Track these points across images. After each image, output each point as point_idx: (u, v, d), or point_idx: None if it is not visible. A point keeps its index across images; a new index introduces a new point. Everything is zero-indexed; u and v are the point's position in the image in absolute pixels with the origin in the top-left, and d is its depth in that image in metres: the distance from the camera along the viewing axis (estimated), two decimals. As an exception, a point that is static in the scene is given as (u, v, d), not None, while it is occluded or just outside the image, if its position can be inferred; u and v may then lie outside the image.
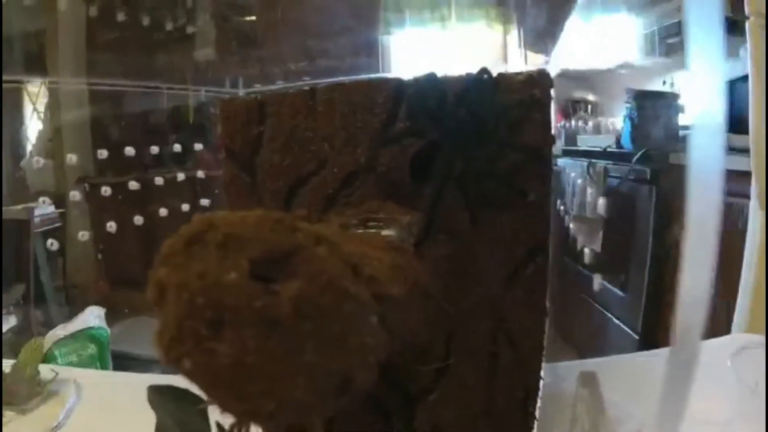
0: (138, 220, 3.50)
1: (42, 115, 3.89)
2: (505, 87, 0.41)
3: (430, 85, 0.41)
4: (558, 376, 0.78)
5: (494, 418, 0.45)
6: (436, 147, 0.41)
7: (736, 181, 1.72)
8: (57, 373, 0.98)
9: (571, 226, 2.67)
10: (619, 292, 2.45)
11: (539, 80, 0.41)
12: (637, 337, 2.30)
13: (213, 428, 0.34)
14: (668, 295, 2.30)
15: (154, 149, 3.33)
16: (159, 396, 0.34)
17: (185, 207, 3.14)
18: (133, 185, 3.53)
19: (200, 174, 3.21)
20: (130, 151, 3.61)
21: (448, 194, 0.42)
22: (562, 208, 2.80)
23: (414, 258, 0.32)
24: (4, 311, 2.60)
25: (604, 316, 2.50)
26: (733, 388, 0.56)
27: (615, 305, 2.44)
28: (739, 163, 1.53)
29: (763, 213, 1.55)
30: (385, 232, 0.33)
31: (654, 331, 2.28)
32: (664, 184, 2.28)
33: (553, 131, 0.43)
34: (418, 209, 0.40)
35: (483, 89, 0.41)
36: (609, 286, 2.47)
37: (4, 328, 2.43)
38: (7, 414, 0.89)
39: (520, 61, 2.62)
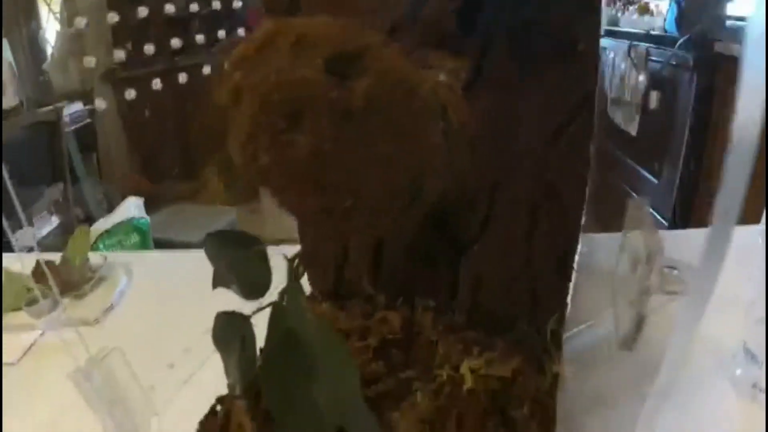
0: (169, 110, 3.52)
1: (59, 15, 3.82)
2: None
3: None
4: (592, 246, 0.79)
5: (534, 269, 0.46)
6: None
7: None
8: (106, 258, 1.02)
9: (608, 107, 2.61)
10: (653, 179, 2.43)
11: None
12: (667, 225, 2.30)
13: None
14: (701, 184, 2.27)
15: (177, 42, 3.29)
16: (218, 243, 0.35)
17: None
18: (160, 78, 3.52)
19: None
20: (152, 45, 3.57)
21: (496, 45, 0.41)
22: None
23: (464, 99, 0.33)
24: (45, 211, 2.67)
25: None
26: (760, 271, 0.57)
27: (647, 191, 2.43)
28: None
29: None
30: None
31: (685, 219, 2.28)
32: (707, 73, 2.20)
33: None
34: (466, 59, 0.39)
35: None
36: (642, 171, 2.45)
37: (46, 230, 2.52)
38: (65, 301, 0.93)
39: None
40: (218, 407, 0.45)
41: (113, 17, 3.30)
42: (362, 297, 0.49)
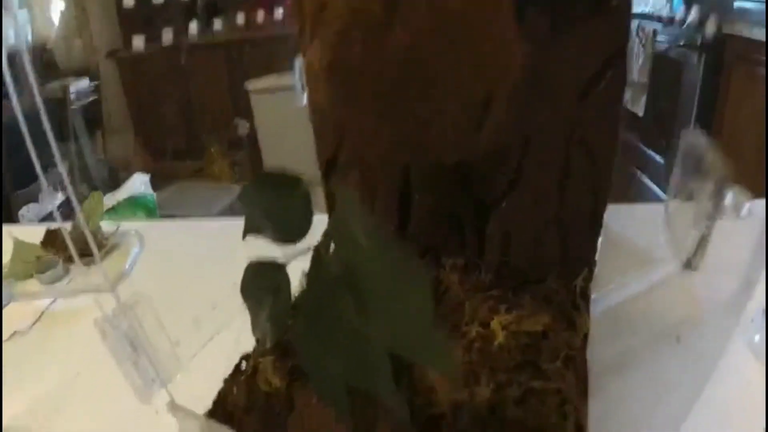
0: (173, 89, 3.51)
1: None
2: None
3: None
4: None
5: (563, 226, 0.46)
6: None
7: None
8: (119, 226, 1.01)
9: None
10: (659, 159, 2.42)
11: None
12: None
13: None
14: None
15: (182, 22, 3.27)
16: (259, 186, 0.34)
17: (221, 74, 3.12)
18: (165, 57, 3.51)
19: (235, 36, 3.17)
20: (158, 25, 3.54)
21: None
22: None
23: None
24: (49, 188, 2.67)
25: (640, 182, 2.49)
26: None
27: (653, 171, 2.42)
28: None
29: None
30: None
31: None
32: (714, 53, 2.19)
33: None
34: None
35: None
36: (649, 152, 2.44)
37: (51, 206, 2.50)
38: (73, 269, 0.92)
39: None
40: (243, 365, 0.45)
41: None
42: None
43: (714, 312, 0.62)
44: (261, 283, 0.36)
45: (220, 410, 0.41)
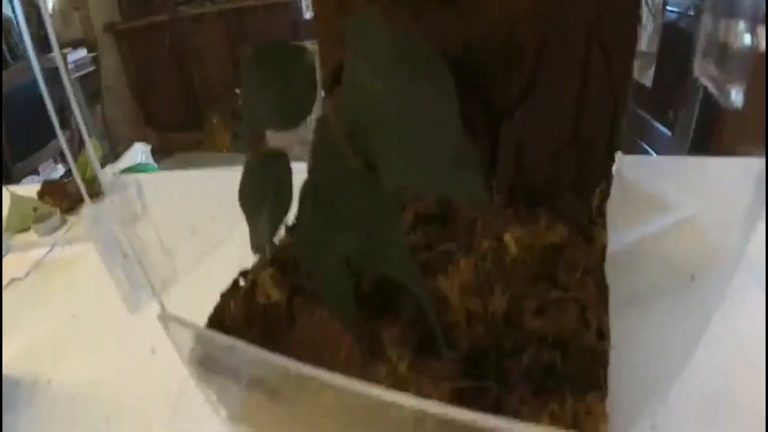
0: (172, 61, 3.46)
1: None
2: None
3: None
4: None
5: (580, 139, 0.43)
6: None
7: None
8: (119, 173, 0.99)
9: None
10: (666, 131, 2.38)
11: None
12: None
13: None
14: (715, 136, 2.23)
15: None
16: (259, 60, 0.31)
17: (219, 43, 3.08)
18: (163, 28, 3.46)
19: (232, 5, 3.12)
20: None
21: None
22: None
23: None
24: (50, 160, 2.65)
25: (647, 154, 2.45)
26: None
27: (660, 144, 2.39)
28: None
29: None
30: None
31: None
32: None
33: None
34: None
35: None
36: (656, 124, 2.40)
37: (56, 176, 2.49)
38: (71, 219, 0.92)
39: None
40: (242, 281, 0.42)
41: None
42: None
43: (728, 254, 0.61)
44: (260, 178, 0.33)
45: (216, 325, 0.39)
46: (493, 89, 0.41)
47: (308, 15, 2.78)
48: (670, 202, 0.74)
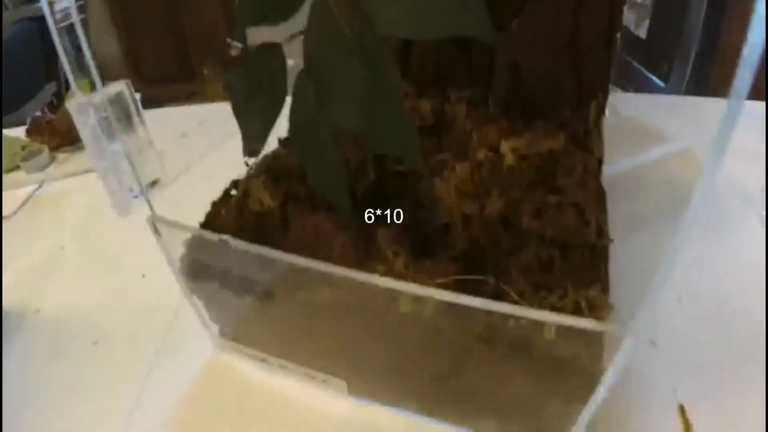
0: (163, 11, 3.38)
1: None
2: None
3: None
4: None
5: (577, 50, 0.42)
6: None
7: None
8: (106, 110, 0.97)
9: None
10: (660, 83, 2.36)
11: None
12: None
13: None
14: (710, 87, 2.22)
15: None
16: None
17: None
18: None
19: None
20: None
21: None
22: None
23: None
24: (38, 112, 2.60)
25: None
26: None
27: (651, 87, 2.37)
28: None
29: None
30: None
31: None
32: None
33: None
34: None
35: None
36: (650, 75, 2.39)
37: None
38: (60, 156, 0.91)
39: None
40: (233, 191, 0.41)
41: None
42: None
43: (724, 187, 0.62)
44: (252, 71, 0.32)
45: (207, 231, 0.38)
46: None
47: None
48: (667, 134, 0.74)
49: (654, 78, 2.38)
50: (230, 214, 0.38)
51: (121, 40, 3.49)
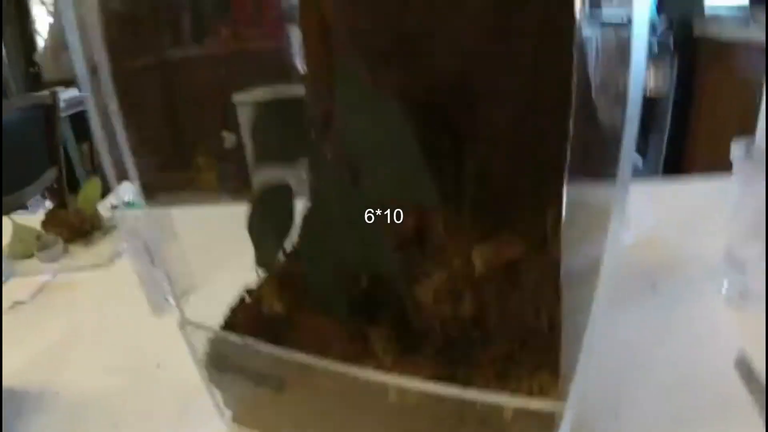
0: (160, 103, 3.49)
1: (51, 7, 3.80)
2: None
3: None
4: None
5: (535, 166, 0.50)
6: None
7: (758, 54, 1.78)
8: (116, 207, 1.04)
9: (593, 94, 2.66)
10: (636, 158, 2.49)
11: None
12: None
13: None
14: (686, 160, 2.35)
15: (172, 28, 3.26)
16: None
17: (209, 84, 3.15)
18: (151, 70, 3.51)
19: (220, 50, 3.19)
20: (144, 38, 3.55)
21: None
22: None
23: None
24: (38, 196, 2.64)
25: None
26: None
27: (633, 171, 2.49)
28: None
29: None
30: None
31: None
32: (687, 54, 2.28)
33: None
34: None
35: None
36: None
37: (40, 212, 2.50)
38: (74, 248, 0.96)
39: None
40: (247, 298, 0.49)
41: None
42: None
43: (687, 264, 0.68)
44: (267, 207, 0.40)
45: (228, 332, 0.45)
46: (456, 123, 0.48)
47: (298, 63, 2.86)
48: (632, 219, 0.81)
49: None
50: (246, 316, 0.45)
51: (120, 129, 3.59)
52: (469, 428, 0.36)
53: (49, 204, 2.70)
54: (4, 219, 0.99)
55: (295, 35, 0.49)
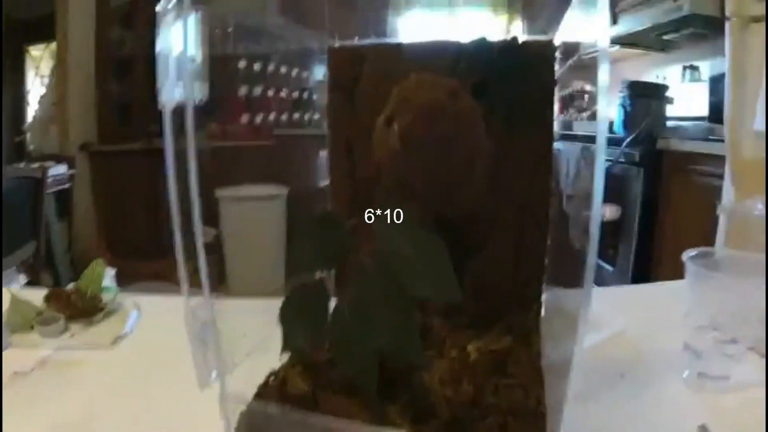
0: (142, 190, 3.42)
1: (45, 79, 3.78)
2: (528, 47, 0.62)
3: (481, 43, 0.60)
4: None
5: (518, 277, 0.61)
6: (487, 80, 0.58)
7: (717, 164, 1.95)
8: (118, 291, 1.08)
9: (564, 204, 2.83)
10: (608, 267, 2.63)
11: (550, 44, 0.62)
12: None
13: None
14: (653, 268, 2.48)
15: (155, 125, 3.34)
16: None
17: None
18: (135, 156, 3.42)
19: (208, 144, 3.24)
20: (132, 125, 3.51)
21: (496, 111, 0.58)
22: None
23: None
24: (14, 268, 2.50)
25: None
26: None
27: (604, 279, 2.62)
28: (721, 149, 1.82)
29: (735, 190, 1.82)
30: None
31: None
32: (651, 166, 2.48)
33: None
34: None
35: (514, 46, 0.61)
36: (599, 261, 2.65)
37: (16, 287, 2.44)
38: (74, 327, 0.96)
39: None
40: (272, 378, 0.56)
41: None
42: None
43: (652, 356, 0.77)
44: (302, 300, 0.49)
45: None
46: (463, 241, 0.59)
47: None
48: (603, 321, 0.90)
49: (602, 262, 2.65)
50: (275, 395, 0.53)
51: (100, 212, 3.55)
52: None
53: (22, 278, 2.58)
54: (3, 290, 0.97)
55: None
